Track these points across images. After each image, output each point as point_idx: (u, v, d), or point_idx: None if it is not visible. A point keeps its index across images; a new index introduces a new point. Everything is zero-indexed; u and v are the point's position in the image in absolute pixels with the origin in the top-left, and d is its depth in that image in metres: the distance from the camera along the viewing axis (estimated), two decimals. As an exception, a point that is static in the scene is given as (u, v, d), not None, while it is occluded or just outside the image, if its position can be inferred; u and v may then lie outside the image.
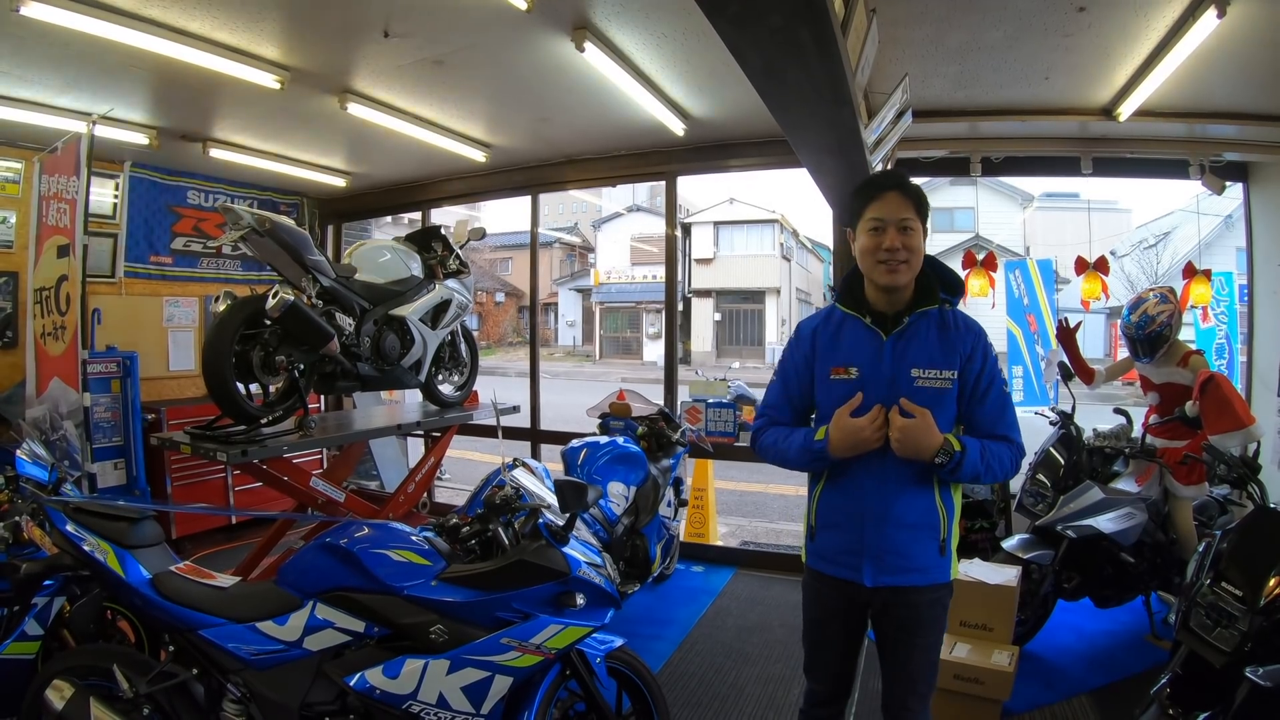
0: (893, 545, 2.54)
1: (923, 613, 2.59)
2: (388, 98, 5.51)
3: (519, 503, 3.01)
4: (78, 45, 4.44)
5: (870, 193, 2.56)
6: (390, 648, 2.79)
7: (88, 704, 2.76)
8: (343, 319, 4.61)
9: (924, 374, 2.52)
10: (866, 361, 2.57)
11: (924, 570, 2.56)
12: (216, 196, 7.93)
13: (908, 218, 2.49)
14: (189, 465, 7.03)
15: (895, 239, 2.47)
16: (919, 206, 2.53)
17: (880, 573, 2.55)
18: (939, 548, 2.56)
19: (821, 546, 2.70)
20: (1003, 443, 2.55)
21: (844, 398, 2.56)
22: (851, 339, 2.63)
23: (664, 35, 4.38)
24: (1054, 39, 4.30)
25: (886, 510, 2.53)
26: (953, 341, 2.55)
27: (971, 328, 2.59)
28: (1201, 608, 2.75)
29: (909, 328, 2.56)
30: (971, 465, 2.44)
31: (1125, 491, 4.83)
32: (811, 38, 2.54)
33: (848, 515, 2.61)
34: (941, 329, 2.57)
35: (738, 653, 4.93)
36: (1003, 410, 2.57)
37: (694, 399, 6.96)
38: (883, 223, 2.50)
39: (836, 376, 2.61)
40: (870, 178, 2.63)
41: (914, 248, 2.50)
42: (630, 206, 38.33)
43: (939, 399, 2.50)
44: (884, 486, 2.54)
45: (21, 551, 3.51)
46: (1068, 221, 26.97)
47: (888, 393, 2.51)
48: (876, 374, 2.55)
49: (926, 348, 2.54)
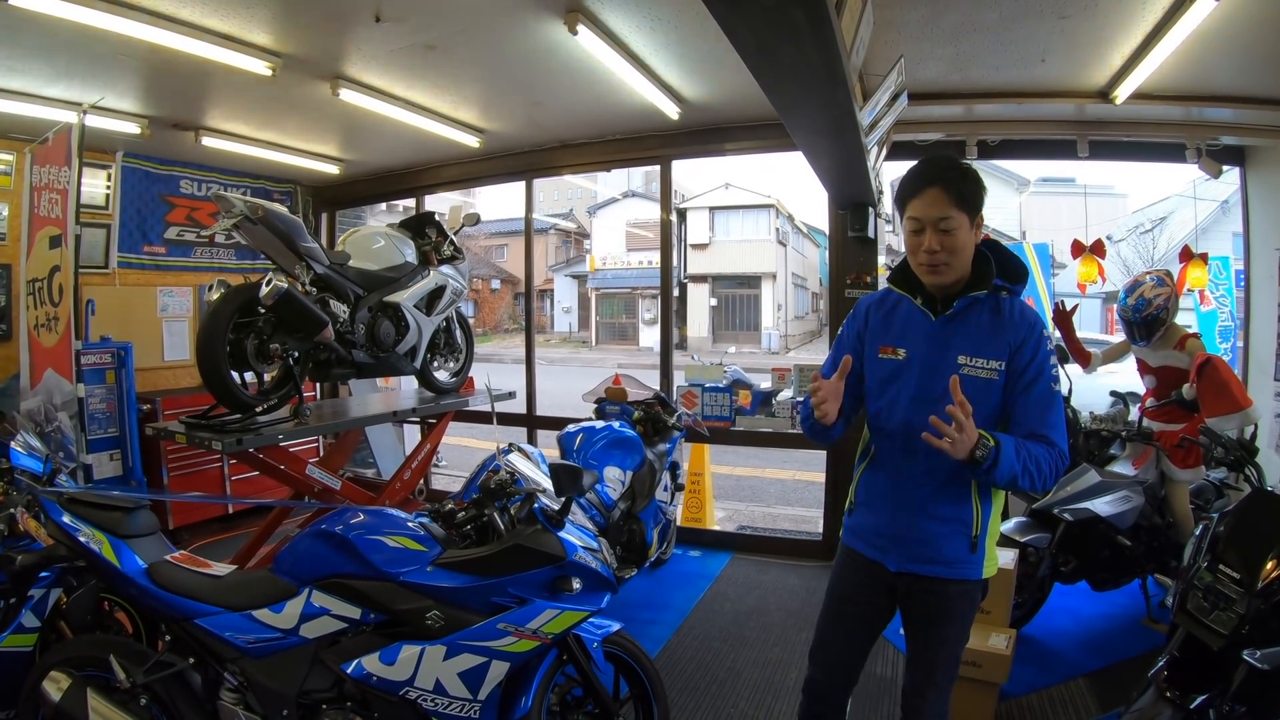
0: (921, 534, 2.50)
1: (947, 604, 2.53)
2: (380, 83, 5.47)
3: (514, 487, 3.00)
4: (67, 34, 4.40)
5: (912, 187, 2.44)
6: (387, 634, 2.79)
7: (85, 695, 2.76)
8: (337, 306, 4.58)
9: (971, 362, 2.43)
10: (915, 343, 2.53)
11: (950, 564, 2.50)
12: (209, 185, 7.88)
13: (948, 216, 2.36)
14: (185, 455, 7.03)
15: (934, 240, 2.38)
16: (962, 200, 2.37)
17: (904, 559, 2.53)
18: (970, 544, 2.49)
19: (856, 524, 2.70)
20: (1041, 444, 2.36)
21: (890, 377, 2.54)
22: (903, 319, 2.59)
23: (657, 18, 4.35)
24: (1050, 20, 4.27)
25: (919, 498, 2.50)
26: (1004, 331, 2.44)
27: (1027, 318, 2.47)
28: (1199, 590, 2.74)
29: (959, 312, 2.48)
30: (1008, 462, 2.24)
31: (1122, 475, 4.83)
32: (805, 17, 2.52)
33: (882, 497, 2.60)
34: (995, 317, 2.48)
35: (735, 637, 4.94)
36: (1047, 409, 2.41)
37: (690, 384, 6.96)
38: (921, 224, 2.41)
39: (884, 356, 2.58)
40: (912, 170, 2.48)
41: (955, 248, 2.39)
42: (625, 192, 38.30)
43: (985, 390, 2.41)
44: (921, 474, 2.49)
45: (17, 544, 3.49)
46: (1064, 206, 26.97)
47: (933, 376, 2.45)
48: (924, 356, 2.50)
49: (976, 335, 2.46)
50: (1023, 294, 2.58)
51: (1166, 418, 5.04)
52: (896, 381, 2.54)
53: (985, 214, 2.46)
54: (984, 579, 2.55)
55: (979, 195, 2.43)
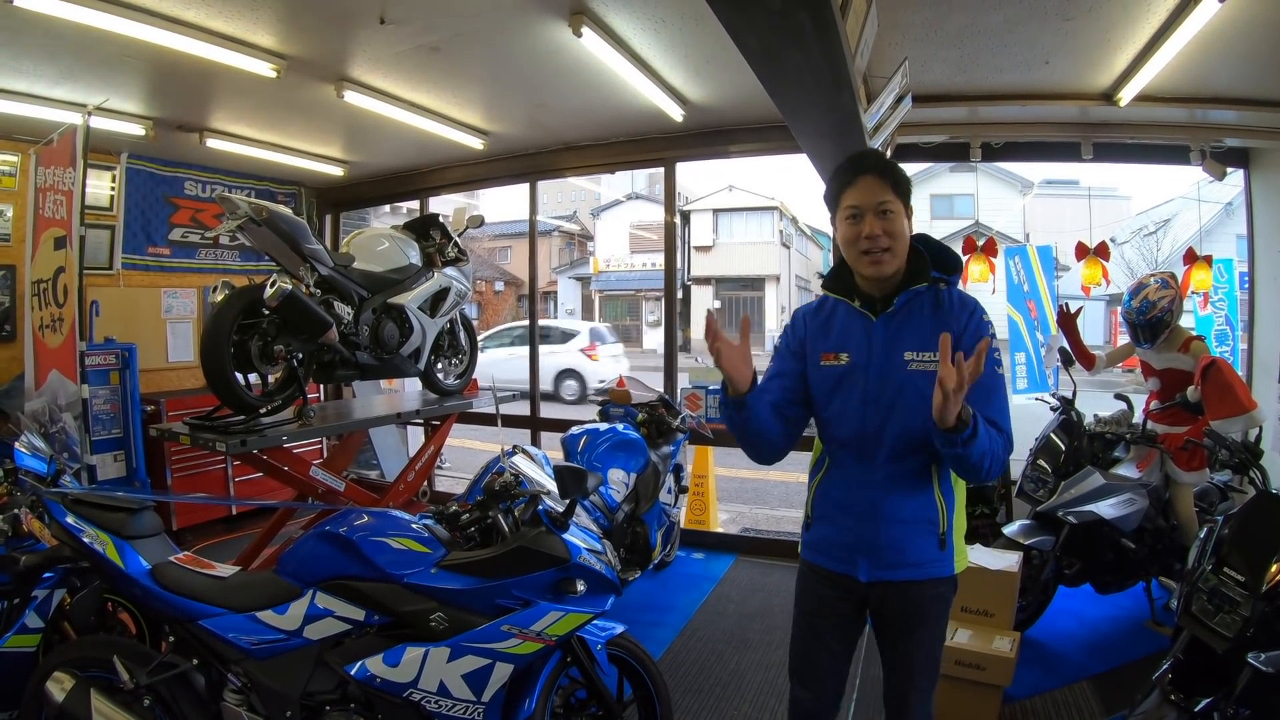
0: (888, 541, 2.42)
1: (922, 608, 2.47)
2: (385, 85, 5.47)
3: (519, 489, 3.01)
4: (72, 36, 4.40)
5: (844, 178, 2.42)
6: (390, 636, 2.79)
7: (88, 696, 2.76)
8: (341, 308, 4.59)
9: (917, 357, 2.37)
10: (857, 346, 2.46)
11: (921, 565, 2.43)
12: (214, 187, 7.87)
13: (886, 200, 2.34)
14: (189, 456, 7.04)
15: (874, 225, 2.33)
16: (898, 187, 2.36)
17: (876, 567, 2.44)
18: (938, 542, 2.44)
19: (816, 538, 2.60)
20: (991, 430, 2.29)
21: (836, 384, 2.48)
22: (842, 323, 2.52)
23: (662, 20, 4.35)
24: (1054, 22, 4.26)
25: (881, 505, 2.42)
26: (946, 321, 2.37)
27: (966, 305, 2.44)
28: (1203, 593, 2.74)
29: (900, 310, 2.43)
30: (983, 433, 2.19)
31: (1126, 477, 4.83)
32: (810, 20, 2.52)
33: (842, 508, 2.51)
34: (935, 309, 2.42)
35: (739, 639, 4.94)
36: (991, 393, 2.34)
37: (694, 385, 6.95)
38: (859, 210, 2.36)
39: (827, 363, 2.51)
40: (843, 162, 2.47)
41: (896, 232, 2.35)
42: (629, 194, 38.25)
43: (933, 383, 2.22)
44: (880, 479, 2.42)
45: (21, 544, 3.50)
46: (1067, 208, 26.97)
47: (880, 377, 2.40)
48: (868, 358, 2.43)
49: (919, 329, 2.40)
50: (956, 280, 2.53)
51: (1171, 420, 5.03)
52: (843, 387, 2.48)
53: (988, 215, 2.43)
54: (955, 575, 2.50)
55: (909, 186, 2.41)
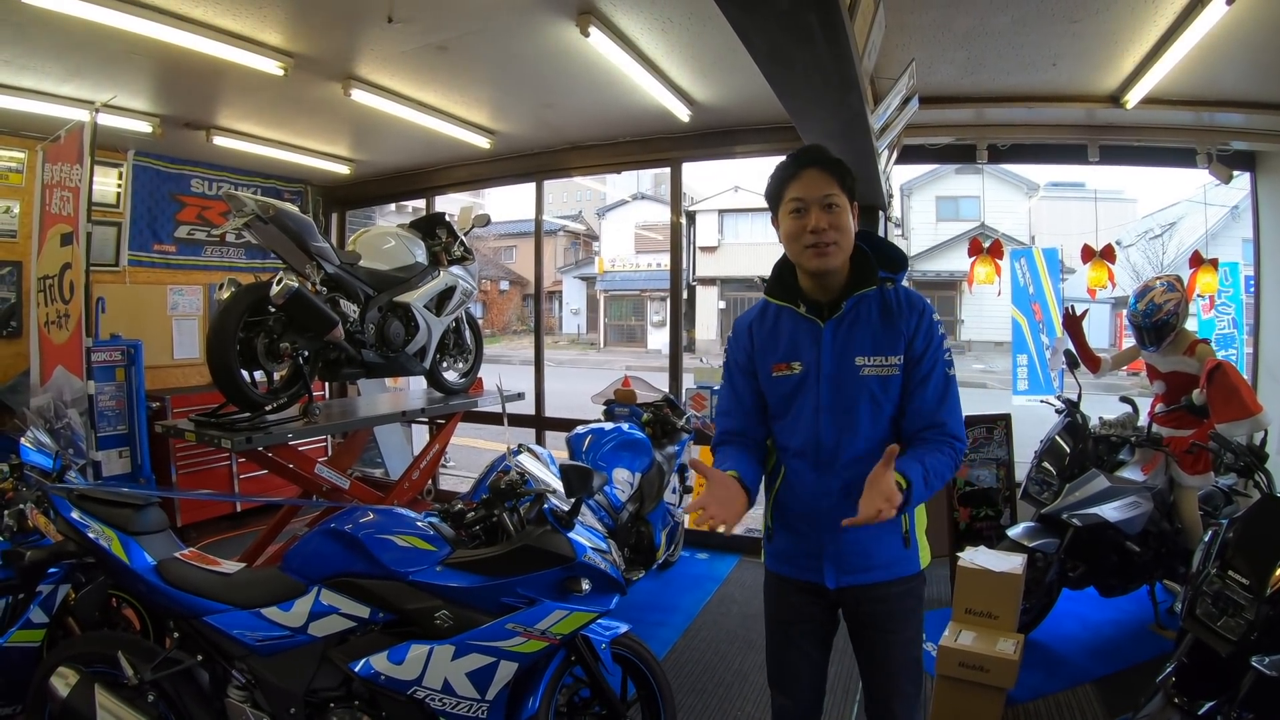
0: (851, 546, 2.37)
1: (894, 605, 2.42)
2: (392, 84, 5.48)
3: (524, 488, 3.01)
4: (80, 33, 4.42)
5: (788, 172, 2.35)
6: (395, 633, 2.79)
7: (93, 691, 2.77)
8: (347, 306, 4.60)
9: (869, 361, 2.33)
10: (808, 353, 2.40)
11: (888, 566, 2.40)
12: (220, 184, 7.89)
13: (831, 194, 2.27)
14: (194, 453, 7.05)
15: (820, 218, 2.26)
16: (843, 181, 2.30)
17: (842, 573, 2.40)
18: (902, 541, 2.40)
19: (780, 549, 2.55)
20: (940, 446, 2.30)
21: (791, 393, 2.42)
22: (789, 331, 2.44)
23: (669, 20, 4.35)
24: (1062, 25, 4.26)
25: (839, 512, 2.25)
26: (896, 323, 2.34)
27: (915, 305, 2.38)
28: (1208, 596, 2.74)
29: (848, 313, 2.36)
30: (919, 498, 2.20)
31: (1131, 480, 4.81)
32: (819, 21, 2.52)
33: (801, 517, 2.45)
34: (884, 311, 2.36)
35: (742, 639, 4.93)
36: (943, 397, 2.34)
37: (699, 386, 6.96)
38: (804, 202, 2.29)
39: (779, 374, 2.44)
40: (783, 161, 2.40)
41: (842, 226, 2.28)
42: (635, 194, 38.27)
43: (887, 386, 2.32)
44: (836, 488, 2.35)
45: (26, 539, 3.51)
46: (1073, 211, 26.93)
47: (833, 384, 2.35)
48: (820, 366, 2.37)
49: (869, 333, 2.34)
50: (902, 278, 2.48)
51: (1176, 423, 5.02)
52: (798, 397, 2.42)
53: (994, 218, 2.42)
54: (921, 571, 2.47)
55: (855, 182, 2.36)
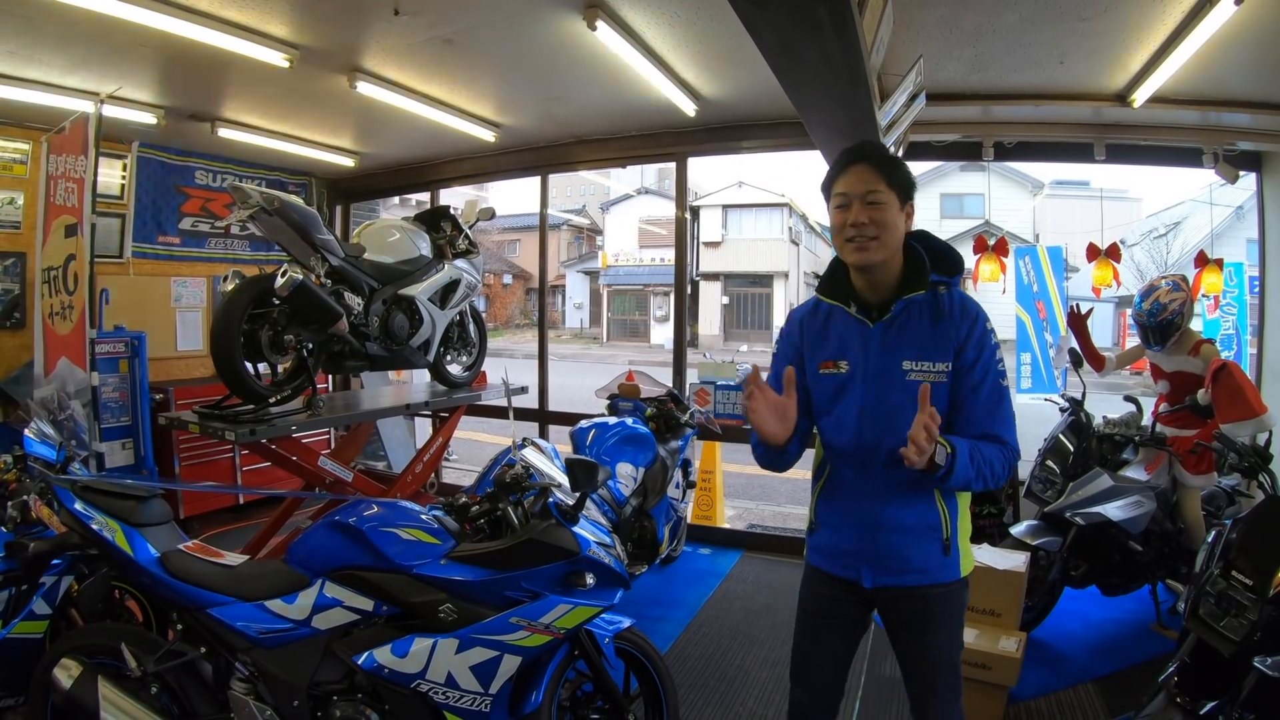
0: (891, 549, 2.38)
1: (932, 607, 2.41)
2: (397, 76, 5.48)
3: (529, 482, 3.01)
4: (85, 24, 4.42)
5: (837, 167, 2.37)
6: (399, 626, 2.79)
7: (96, 682, 2.78)
8: (351, 298, 4.59)
9: (916, 366, 2.31)
10: (855, 354, 2.39)
11: (925, 571, 2.38)
12: (224, 176, 7.89)
13: (875, 190, 2.26)
14: (197, 445, 7.07)
15: (860, 214, 2.26)
16: (892, 178, 2.28)
17: (879, 574, 2.40)
18: (942, 548, 2.38)
19: (820, 543, 2.57)
20: (994, 444, 2.28)
21: (836, 392, 2.42)
22: (839, 330, 2.45)
23: (676, 14, 4.34)
24: (1070, 23, 4.24)
25: (882, 515, 2.36)
26: (947, 330, 2.32)
27: (968, 312, 2.34)
28: (1211, 596, 2.73)
29: (897, 316, 2.35)
30: (962, 469, 2.18)
31: (1134, 479, 4.81)
32: (828, 15, 2.51)
33: (843, 517, 2.47)
34: (935, 315, 2.34)
35: (744, 635, 4.94)
36: (996, 406, 2.31)
37: (702, 381, 6.96)
38: (847, 198, 2.29)
39: (826, 371, 2.44)
40: (837, 155, 2.41)
41: (884, 222, 2.26)
42: (639, 189, 38.30)
43: (934, 395, 2.21)
44: (880, 489, 2.37)
45: (30, 530, 3.51)
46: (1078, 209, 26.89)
47: (879, 387, 2.34)
48: (866, 367, 2.37)
49: (919, 337, 2.33)
50: (957, 282, 2.43)
51: (1180, 423, 5.03)
52: (843, 396, 2.42)
53: (999, 216, 2.40)
54: (964, 578, 2.45)
55: (909, 180, 2.35)
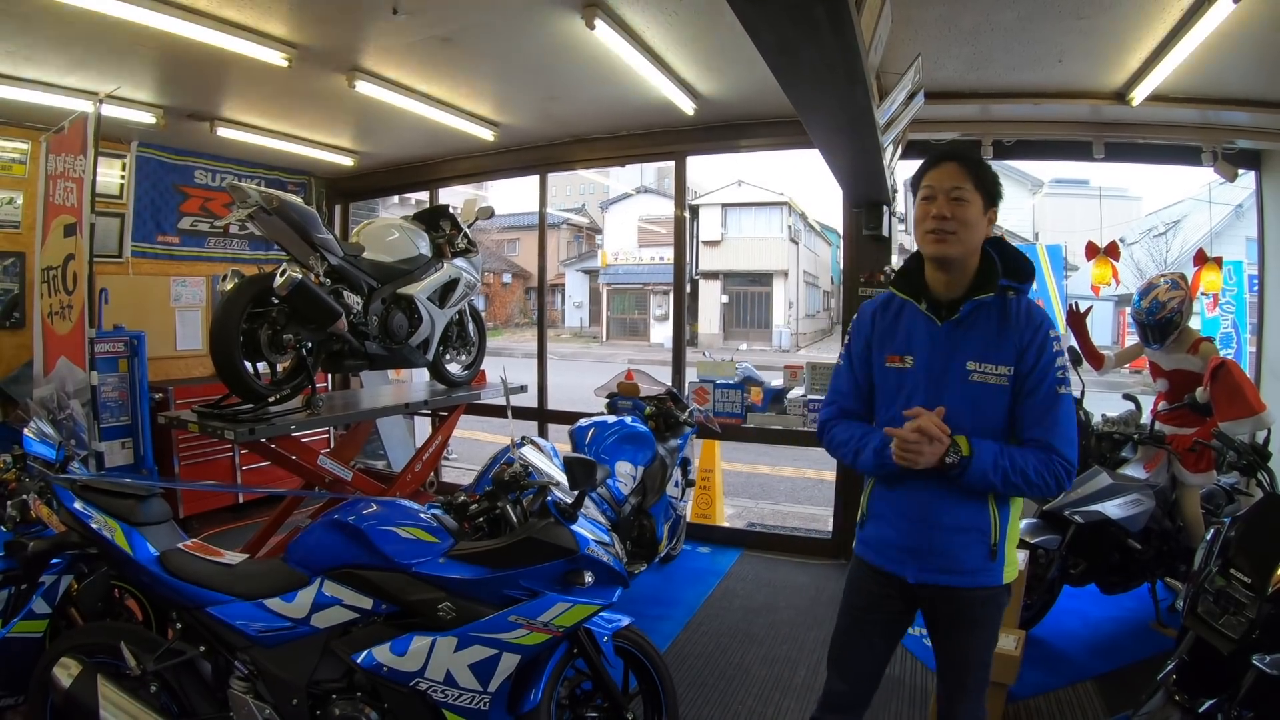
0: (938, 546, 2.43)
1: (976, 610, 2.47)
2: (396, 76, 5.47)
3: (528, 480, 3.00)
4: (84, 24, 4.41)
5: (928, 163, 2.45)
6: (398, 625, 2.79)
7: (95, 681, 2.78)
8: (350, 297, 4.59)
9: (979, 368, 2.38)
10: (921, 350, 2.47)
11: (970, 573, 2.43)
12: (223, 176, 7.87)
13: (960, 187, 2.34)
14: (196, 444, 7.07)
15: (945, 207, 2.34)
16: (979, 180, 2.37)
17: (924, 571, 2.46)
18: (989, 552, 2.42)
19: (869, 536, 2.62)
20: (1037, 450, 2.33)
21: (897, 386, 2.49)
22: (908, 325, 2.52)
23: (675, 13, 4.34)
24: (1068, 21, 4.25)
25: (933, 511, 2.42)
26: (1011, 334, 2.38)
27: (1034, 320, 2.40)
28: (1210, 594, 2.74)
29: (965, 317, 2.42)
30: (979, 470, 2.28)
31: (1133, 478, 4.82)
32: (826, 14, 2.51)
33: (896, 511, 2.52)
34: (1003, 320, 2.41)
35: (744, 634, 4.95)
36: (1047, 411, 2.35)
37: (702, 380, 6.97)
38: (933, 190, 2.38)
39: (891, 364, 2.52)
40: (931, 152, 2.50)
41: (965, 220, 2.34)
42: (638, 188, 38.30)
43: (995, 396, 2.37)
44: (935, 485, 2.41)
45: (29, 530, 3.51)
46: (1077, 208, 26.92)
47: (940, 384, 2.41)
48: (930, 364, 2.44)
49: (984, 340, 2.40)
50: (1030, 292, 2.51)
51: (1179, 421, 5.03)
52: (904, 390, 2.48)
53: (999, 215, 2.44)
54: (1006, 584, 2.49)
55: (996, 186, 2.41)
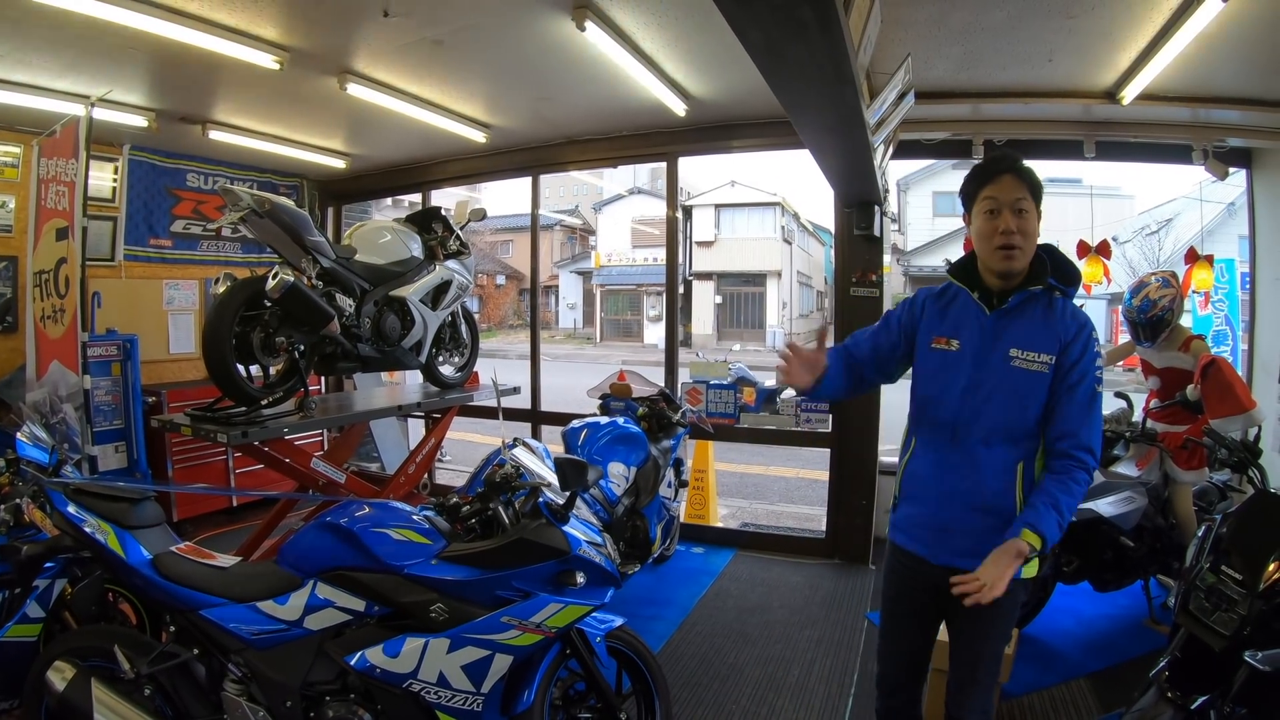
0: (964, 526, 2.52)
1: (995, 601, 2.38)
2: (387, 78, 5.48)
3: (519, 481, 3.02)
4: (76, 27, 4.41)
5: (985, 175, 2.53)
6: (391, 626, 2.80)
7: (89, 685, 2.78)
8: (343, 300, 4.59)
9: (1022, 355, 2.48)
10: (969, 335, 2.57)
11: None
12: (216, 179, 7.86)
13: (1022, 198, 2.45)
14: (190, 447, 7.04)
15: (1010, 221, 2.44)
16: (1034, 190, 2.48)
17: (946, 553, 2.53)
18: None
19: (900, 518, 2.73)
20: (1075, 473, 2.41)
21: (941, 367, 2.60)
22: (959, 311, 2.63)
23: (665, 14, 4.35)
24: (1058, 20, 4.26)
25: (964, 488, 2.52)
26: (1056, 326, 2.50)
27: (1078, 317, 2.52)
28: (1201, 591, 2.74)
29: (1014, 307, 2.53)
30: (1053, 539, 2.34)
31: (1125, 475, 4.83)
32: (813, 15, 2.51)
33: (926, 488, 2.63)
34: (1048, 313, 2.53)
35: (737, 633, 4.95)
36: (1087, 411, 2.46)
37: (695, 380, 6.97)
38: (998, 204, 2.47)
39: (937, 346, 2.62)
40: (985, 161, 2.61)
41: (1028, 232, 2.46)
42: (631, 189, 38.23)
43: (1035, 383, 2.47)
44: (967, 464, 2.52)
45: (22, 534, 3.51)
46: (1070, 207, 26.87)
47: (982, 369, 2.52)
48: (976, 348, 2.55)
49: (1029, 328, 2.51)
50: (1073, 294, 2.61)
51: (1170, 419, 5.04)
52: (948, 373, 2.58)
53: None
54: (1025, 579, 2.46)
55: (1042, 189, 2.52)
